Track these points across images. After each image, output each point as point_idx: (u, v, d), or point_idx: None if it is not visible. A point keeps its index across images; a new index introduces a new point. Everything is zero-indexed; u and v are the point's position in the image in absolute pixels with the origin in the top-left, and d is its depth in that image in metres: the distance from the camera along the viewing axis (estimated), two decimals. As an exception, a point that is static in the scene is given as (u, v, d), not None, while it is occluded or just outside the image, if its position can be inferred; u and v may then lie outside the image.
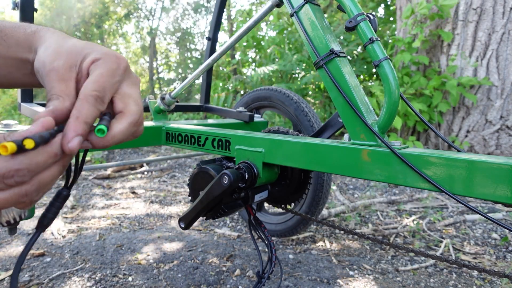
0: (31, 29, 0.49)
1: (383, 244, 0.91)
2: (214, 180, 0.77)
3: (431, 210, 1.86)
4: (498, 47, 2.69)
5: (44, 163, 0.37)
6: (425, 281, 1.16)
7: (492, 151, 2.70)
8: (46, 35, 0.48)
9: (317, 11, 0.80)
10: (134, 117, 0.44)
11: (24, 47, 0.48)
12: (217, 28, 1.66)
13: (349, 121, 0.73)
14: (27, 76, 0.50)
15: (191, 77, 1.18)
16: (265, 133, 0.91)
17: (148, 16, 9.75)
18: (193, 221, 0.83)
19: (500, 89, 2.69)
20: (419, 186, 0.59)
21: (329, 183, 1.30)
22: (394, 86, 0.66)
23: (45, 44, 0.46)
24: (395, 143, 0.64)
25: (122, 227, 1.63)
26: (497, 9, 2.67)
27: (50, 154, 0.37)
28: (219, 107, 1.57)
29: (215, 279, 1.14)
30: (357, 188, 2.34)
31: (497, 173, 0.52)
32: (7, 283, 1.13)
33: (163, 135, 1.08)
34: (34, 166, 0.36)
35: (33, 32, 0.48)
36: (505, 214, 1.76)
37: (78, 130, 0.38)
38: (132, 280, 1.14)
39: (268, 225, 1.42)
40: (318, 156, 0.72)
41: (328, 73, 0.74)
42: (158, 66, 9.98)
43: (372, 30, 0.70)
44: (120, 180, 2.57)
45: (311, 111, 1.31)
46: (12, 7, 1.13)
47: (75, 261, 1.28)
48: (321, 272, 1.20)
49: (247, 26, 1.00)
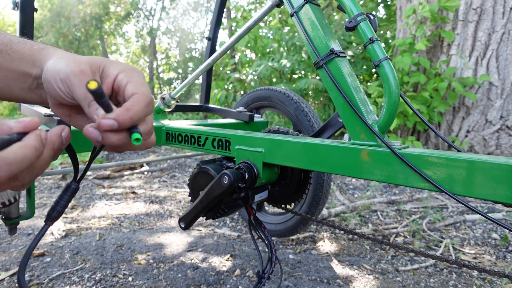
0: (38, 46, 0.51)
1: (383, 244, 0.91)
2: (214, 180, 0.77)
3: (431, 210, 1.86)
4: (498, 47, 2.69)
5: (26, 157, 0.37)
6: (425, 281, 1.16)
7: (492, 151, 2.70)
8: (56, 52, 0.50)
9: (317, 11, 0.80)
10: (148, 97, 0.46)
11: (28, 61, 0.49)
12: (217, 28, 1.66)
13: (349, 121, 0.73)
14: (24, 91, 0.51)
15: (191, 77, 1.18)
16: (265, 133, 0.91)
17: (148, 16, 9.75)
18: (193, 221, 0.83)
19: (500, 89, 2.69)
20: (419, 186, 0.59)
21: (329, 183, 1.29)
22: (394, 86, 0.66)
23: (55, 58, 0.48)
24: (395, 143, 0.64)
25: (122, 227, 1.63)
26: (497, 9, 2.67)
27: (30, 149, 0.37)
28: (219, 107, 1.57)
29: (215, 279, 1.14)
30: (357, 188, 2.34)
31: (497, 173, 0.52)
32: (7, 283, 1.13)
33: (163, 135, 1.08)
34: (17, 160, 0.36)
35: (41, 48, 0.50)
36: (505, 214, 1.76)
37: (120, 118, 0.41)
38: (132, 280, 1.14)
39: (268, 225, 1.42)
40: (318, 156, 0.72)
41: (328, 73, 0.74)
42: (158, 66, 9.98)
43: (372, 30, 0.70)
44: (120, 180, 2.57)
45: (311, 111, 1.31)
46: (12, 7, 1.13)
47: (75, 261, 1.28)
48: (321, 272, 1.20)
49: (247, 26, 1.00)
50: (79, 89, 0.44)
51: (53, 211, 0.51)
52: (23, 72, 0.49)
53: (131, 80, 0.47)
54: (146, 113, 0.45)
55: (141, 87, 0.46)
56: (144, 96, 0.45)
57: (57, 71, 0.46)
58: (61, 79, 0.45)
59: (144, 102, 0.44)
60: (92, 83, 0.38)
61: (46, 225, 0.51)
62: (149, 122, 0.48)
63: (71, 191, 0.52)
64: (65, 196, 0.51)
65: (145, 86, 0.47)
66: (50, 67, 0.47)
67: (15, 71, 0.49)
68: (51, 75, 0.46)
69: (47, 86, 0.47)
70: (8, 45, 0.49)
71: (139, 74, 0.49)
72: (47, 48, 0.51)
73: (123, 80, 0.47)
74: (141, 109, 0.44)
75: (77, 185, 0.53)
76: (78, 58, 0.47)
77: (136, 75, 0.48)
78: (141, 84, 0.47)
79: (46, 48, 0.51)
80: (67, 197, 0.51)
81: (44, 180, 2.54)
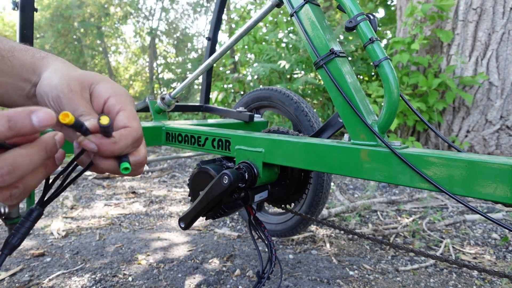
0: (40, 55, 0.51)
1: (383, 244, 0.91)
2: (214, 180, 0.77)
3: (431, 210, 1.86)
4: (498, 47, 2.69)
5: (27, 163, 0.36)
6: (425, 281, 1.16)
7: (492, 151, 2.70)
8: (55, 62, 0.50)
9: (317, 11, 0.80)
10: (138, 133, 0.45)
11: (29, 69, 0.50)
12: (217, 28, 1.66)
13: (349, 121, 0.73)
14: (22, 98, 0.52)
15: (191, 77, 1.18)
16: (265, 133, 0.91)
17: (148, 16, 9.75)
18: (193, 221, 0.83)
19: (500, 89, 2.69)
20: (419, 186, 0.59)
21: (329, 183, 1.30)
22: (394, 86, 0.66)
23: (51, 68, 0.48)
24: (395, 143, 0.64)
25: (122, 227, 1.63)
26: (497, 9, 2.67)
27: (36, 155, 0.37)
28: (219, 107, 1.57)
29: (215, 279, 1.14)
30: (357, 188, 2.34)
31: (497, 173, 0.52)
32: (7, 283, 1.13)
33: (163, 135, 1.08)
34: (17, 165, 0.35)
35: (42, 57, 0.51)
36: (505, 214, 1.76)
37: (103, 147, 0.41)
38: (132, 280, 1.14)
39: (268, 225, 1.42)
40: (318, 156, 0.72)
41: (328, 73, 0.74)
42: (158, 66, 9.98)
43: (372, 30, 0.70)
44: (120, 180, 2.57)
45: (311, 111, 1.31)
46: (12, 7, 1.13)
47: (75, 261, 1.28)
48: (321, 272, 1.20)
49: (247, 26, 1.00)
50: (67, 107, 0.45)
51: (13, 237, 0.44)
52: (23, 79, 0.50)
53: (123, 109, 0.46)
54: (132, 149, 0.45)
55: (133, 121, 0.45)
56: (135, 132, 0.44)
57: (50, 88, 0.46)
58: (52, 97, 0.46)
59: (133, 139, 0.44)
60: (62, 116, 0.35)
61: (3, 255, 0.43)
62: (141, 154, 0.47)
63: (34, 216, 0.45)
64: (27, 222, 0.45)
65: (136, 119, 0.46)
66: (44, 82, 0.47)
67: (16, 78, 0.50)
68: (43, 90, 0.47)
69: (39, 99, 0.48)
70: (10, 51, 0.50)
71: (131, 102, 0.48)
72: (48, 57, 0.51)
73: (114, 107, 0.46)
74: (128, 145, 0.43)
75: (42, 209, 0.46)
76: (71, 73, 0.48)
77: (129, 103, 0.47)
78: (133, 116, 0.46)
79: (47, 57, 0.51)
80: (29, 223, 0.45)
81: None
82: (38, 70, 0.50)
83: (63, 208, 1.88)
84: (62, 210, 1.85)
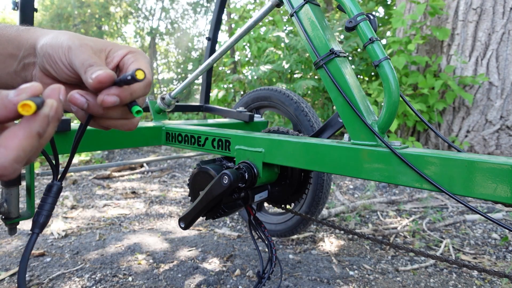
0: (24, 27, 0.50)
1: (383, 244, 0.91)
2: (214, 180, 0.77)
3: (431, 210, 1.86)
4: (498, 47, 2.69)
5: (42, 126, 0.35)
6: (425, 281, 1.16)
7: (492, 151, 2.70)
8: (50, 31, 0.49)
9: (317, 11, 0.80)
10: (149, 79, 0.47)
11: (14, 43, 0.48)
12: (217, 28, 1.66)
13: (349, 121, 0.73)
14: (10, 75, 0.50)
15: (191, 77, 1.18)
16: (265, 133, 0.91)
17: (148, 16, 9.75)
18: (193, 221, 0.83)
19: (500, 89, 2.69)
20: (419, 186, 0.59)
21: (329, 183, 1.29)
22: (394, 86, 0.66)
23: (52, 34, 0.47)
24: (395, 143, 0.64)
25: (122, 227, 1.63)
26: (497, 9, 2.67)
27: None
28: (219, 107, 1.57)
29: (215, 279, 1.14)
30: (357, 188, 2.34)
31: (497, 173, 0.52)
32: (7, 283, 1.13)
33: (163, 135, 1.08)
34: None
35: (27, 29, 0.49)
36: (505, 214, 1.76)
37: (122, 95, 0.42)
38: (132, 280, 1.14)
39: (268, 225, 1.42)
40: (318, 156, 0.72)
41: (328, 73, 0.74)
42: (158, 66, 9.98)
43: (372, 30, 0.69)
44: (120, 180, 2.57)
45: (311, 111, 1.31)
46: (12, 7, 1.13)
47: (75, 261, 1.28)
48: (321, 272, 1.20)
49: (247, 26, 1.00)
50: (79, 58, 0.44)
51: (38, 216, 0.44)
52: (9, 55, 0.48)
53: (137, 60, 0.48)
54: (144, 94, 0.46)
55: (145, 68, 0.47)
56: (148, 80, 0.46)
57: (60, 43, 0.45)
58: (63, 50, 0.45)
59: (146, 82, 0.45)
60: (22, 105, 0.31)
61: (35, 234, 0.44)
62: (141, 103, 0.49)
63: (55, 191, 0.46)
64: (49, 198, 0.45)
65: (149, 68, 0.48)
66: (50, 41, 0.46)
67: (2, 55, 0.48)
68: (51, 47, 0.46)
69: (45, 60, 0.46)
70: None
71: (146, 58, 0.50)
72: (35, 28, 0.50)
73: (129, 60, 0.48)
74: (141, 89, 0.44)
75: (60, 183, 0.46)
76: (81, 36, 0.48)
77: (143, 57, 0.49)
78: (145, 66, 0.47)
79: (33, 28, 0.50)
80: (51, 199, 0.45)
81: (44, 180, 2.54)
82: (25, 42, 0.48)
83: (63, 208, 1.88)
84: (62, 210, 1.85)
